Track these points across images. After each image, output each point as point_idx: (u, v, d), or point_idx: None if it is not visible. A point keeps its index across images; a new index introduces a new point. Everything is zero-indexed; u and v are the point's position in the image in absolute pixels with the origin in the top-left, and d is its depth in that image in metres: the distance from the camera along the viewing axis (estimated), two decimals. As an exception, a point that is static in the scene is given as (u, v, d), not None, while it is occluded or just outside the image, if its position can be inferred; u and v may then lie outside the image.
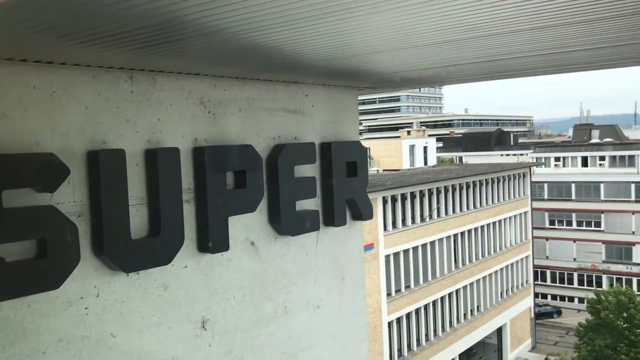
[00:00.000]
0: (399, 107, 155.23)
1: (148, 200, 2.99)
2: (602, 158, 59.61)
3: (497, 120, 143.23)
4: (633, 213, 54.90)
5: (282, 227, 3.60)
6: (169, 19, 2.09)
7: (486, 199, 43.64)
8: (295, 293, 3.76)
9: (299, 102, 3.80)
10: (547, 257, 58.86)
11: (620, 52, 3.26)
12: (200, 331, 3.23)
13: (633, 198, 55.21)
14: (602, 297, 36.08)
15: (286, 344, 3.69)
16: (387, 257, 33.39)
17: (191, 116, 3.21)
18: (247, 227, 3.46)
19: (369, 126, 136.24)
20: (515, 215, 47.35)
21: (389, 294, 33.53)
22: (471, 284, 41.50)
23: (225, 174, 3.30)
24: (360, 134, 4.32)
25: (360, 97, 4.44)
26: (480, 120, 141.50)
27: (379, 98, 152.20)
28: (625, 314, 34.88)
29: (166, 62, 2.92)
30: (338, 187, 3.90)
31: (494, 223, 44.40)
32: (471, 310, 41.54)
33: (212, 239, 3.21)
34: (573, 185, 58.42)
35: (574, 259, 58.02)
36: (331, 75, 3.67)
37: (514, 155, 76.36)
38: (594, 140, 69.77)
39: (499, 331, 45.82)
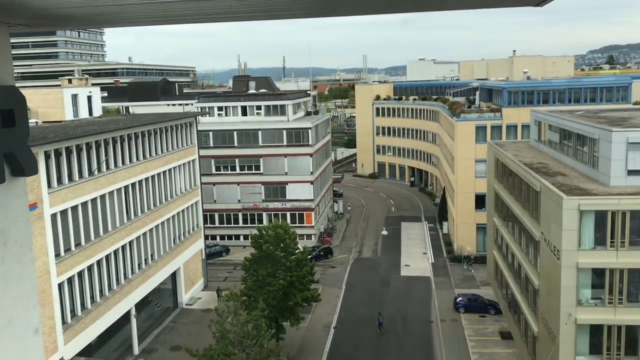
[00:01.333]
0: (56, 52, 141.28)
1: None
2: (259, 107, 65.57)
3: (162, 70, 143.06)
4: (285, 156, 62.35)
5: None
6: None
7: (155, 149, 43.72)
8: (-57, 266, 3.18)
9: None
10: (215, 201, 62.78)
11: (271, 4, 3.56)
12: None
13: (285, 143, 62.51)
14: (264, 232, 40.16)
15: None
16: (54, 215, 30.86)
17: None
18: None
19: (22, 73, 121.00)
20: (184, 164, 48.77)
21: (57, 255, 31.20)
22: (144, 234, 41.58)
23: None
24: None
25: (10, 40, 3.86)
26: (145, 70, 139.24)
27: (32, 42, 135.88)
28: (282, 245, 39.65)
29: None
30: (-8, 139, 3.38)
31: (164, 172, 44.96)
32: (145, 260, 41.77)
33: None
34: (235, 133, 62.98)
35: (239, 201, 63.29)
36: (-26, 5, 3.09)
37: (180, 105, 77.97)
38: (251, 91, 75.91)
39: (173, 276, 47.39)
